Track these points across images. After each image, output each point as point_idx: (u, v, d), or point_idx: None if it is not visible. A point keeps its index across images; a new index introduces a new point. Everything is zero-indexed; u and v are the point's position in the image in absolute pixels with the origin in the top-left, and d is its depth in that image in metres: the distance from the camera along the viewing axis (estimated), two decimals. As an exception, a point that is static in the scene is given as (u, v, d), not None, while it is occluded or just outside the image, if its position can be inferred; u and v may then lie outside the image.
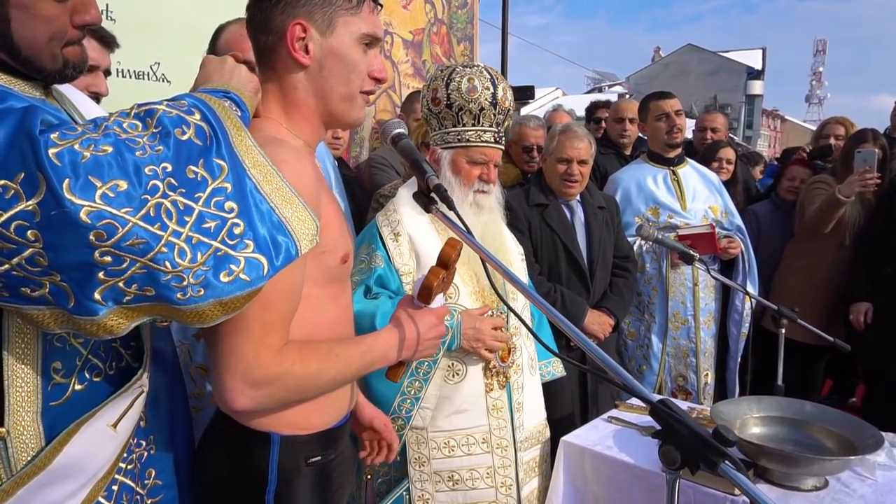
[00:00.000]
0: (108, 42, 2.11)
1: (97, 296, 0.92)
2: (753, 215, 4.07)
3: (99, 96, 2.04)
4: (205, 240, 0.96)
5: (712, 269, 2.90)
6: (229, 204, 1.00)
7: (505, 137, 2.12)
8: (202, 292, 0.97)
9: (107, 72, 2.12)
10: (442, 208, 1.34)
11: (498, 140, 2.02)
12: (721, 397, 3.33)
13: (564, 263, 2.85)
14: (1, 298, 0.92)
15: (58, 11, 1.03)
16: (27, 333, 1.00)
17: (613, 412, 2.41)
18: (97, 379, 1.11)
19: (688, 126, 3.75)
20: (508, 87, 2.05)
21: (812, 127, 37.89)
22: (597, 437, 2.18)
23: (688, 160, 3.52)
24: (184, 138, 0.98)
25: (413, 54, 4.79)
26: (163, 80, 3.01)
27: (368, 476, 1.83)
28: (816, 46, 75.47)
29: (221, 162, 1.01)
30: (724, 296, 3.39)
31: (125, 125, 0.95)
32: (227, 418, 1.24)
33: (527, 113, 6.40)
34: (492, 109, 1.97)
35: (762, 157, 6.74)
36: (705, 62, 39.28)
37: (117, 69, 2.70)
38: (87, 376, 1.09)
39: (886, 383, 3.35)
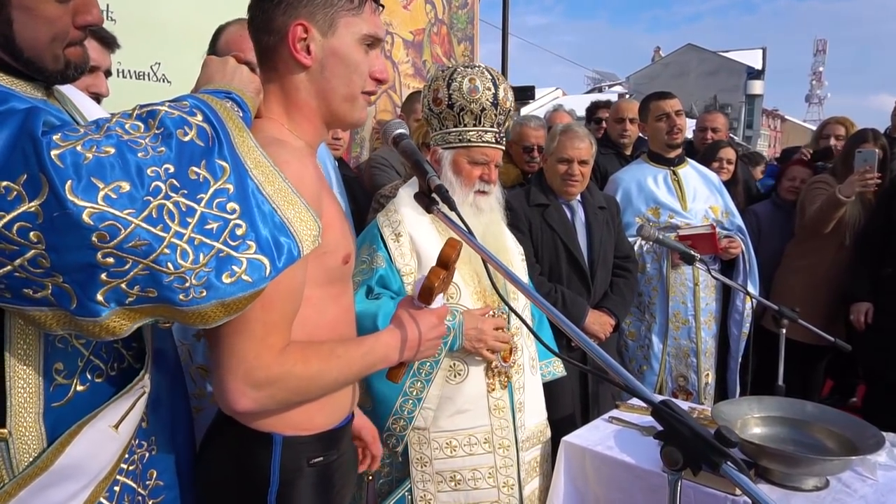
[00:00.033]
0: (109, 43, 2.11)
1: (99, 297, 0.91)
2: (754, 215, 4.07)
3: (99, 97, 2.03)
4: (207, 241, 0.96)
5: (713, 270, 2.90)
6: (231, 205, 0.99)
7: (505, 138, 2.12)
8: (204, 293, 0.97)
9: (107, 72, 2.12)
10: (443, 209, 1.34)
11: (499, 140, 2.03)
12: (722, 397, 3.32)
13: (565, 263, 2.85)
14: (3, 300, 0.92)
15: (60, 12, 1.03)
16: (29, 334, 1.00)
17: (614, 412, 2.41)
18: (99, 380, 1.11)
19: (688, 126, 3.75)
20: (509, 88, 2.05)
21: (812, 127, 37.83)
22: (598, 438, 2.18)
23: (688, 160, 3.52)
24: (186, 139, 0.98)
25: (413, 54, 4.79)
26: (163, 81, 3.01)
27: (370, 477, 1.83)
28: (816, 46, 75.46)
29: (223, 163, 1.01)
30: (725, 296, 3.39)
31: (127, 126, 0.95)
32: (230, 419, 1.24)
33: (527, 113, 6.40)
34: (493, 110, 1.97)
35: (763, 158, 6.74)
36: (705, 62, 39.23)
37: (118, 69, 2.70)
38: (89, 377, 1.09)
39: (887, 383, 3.35)
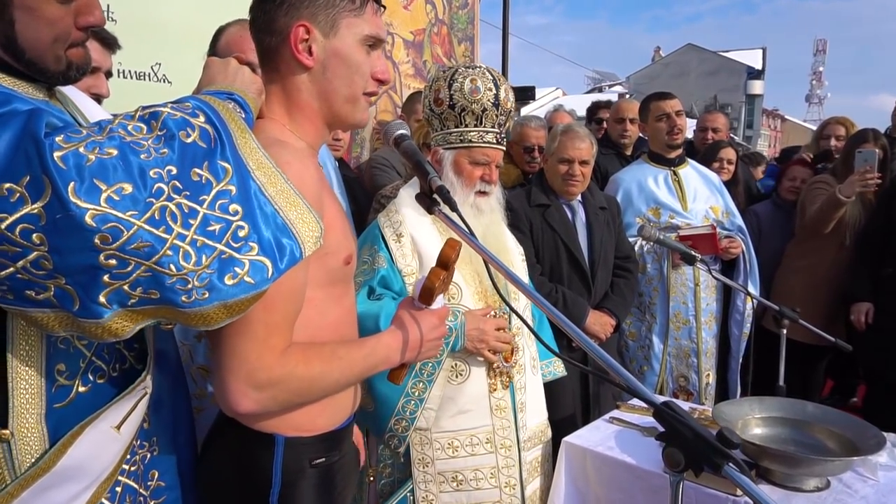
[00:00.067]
0: (110, 43, 2.11)
1: (102, 299, 0.91)
2: (754, 215, 4.07)
3: (100, 97, 2.03)
4: (209, 242, 0.96)
5: (713, 270, 2.90)
6: (234, 206, 0.99)
7: (506, 138, 2.12)
8: (207, 295, 0.97)
9: (108, 73, 2.12)
10: (445, 210, 1.35)
11: (500, 141, 2.03)
12: (722, 397, 3.32)
13: (566, 264, 2.85)
14: (5, 301, 0.92)
15: (62, 13, 1.03)
16: (31, 335, 1.00)
17: (615, 413, 2.41)
18: (101, 381, 1.11)
19: (688, 126, 3.75)
20: (510, 89, 2.05)
21: (812, 127, 37.82)
22: (598, 438, 2.18)
23: (688, 160, 3.52)
24: (188, 141, 0.98)
25: (414, 55, 4.79)
26: (164, 81, 3.01)
27: (371, 478, 1.83)
28: (816, 46, 75.43)
29: (226, 164, 1.01)
30: (726, 296, 3.39)
31: (130, 128, 0.95)
32: (232, 420, 1.24)
33: (527, 113, 6.40)
34: (494, 110, 1.97)
35: (764, 158, 6.74)
36: (705, 62, 39.19)
37: (118, 70, 2.70)
38: (91, 378, 1.09)
39: (887, 383, 3.35)
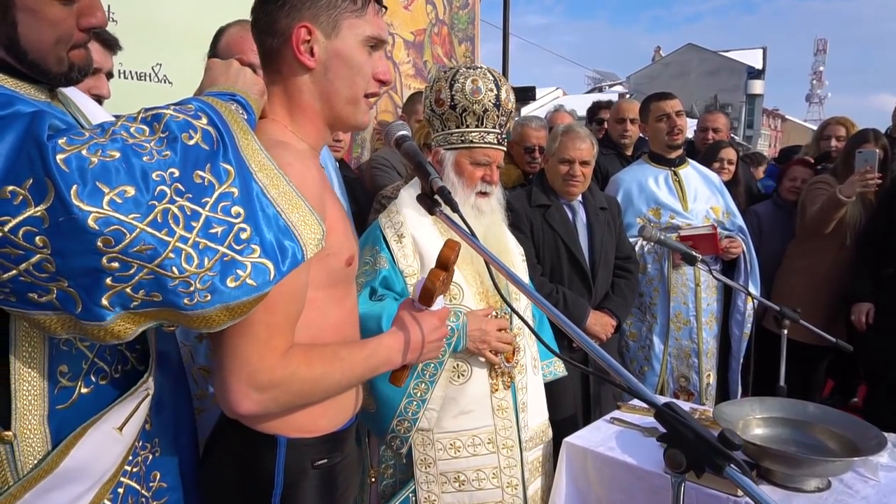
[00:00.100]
0: (111, 44, 2.12)
1: (105, 301, 0.92)
2: (755, 216, 4.07)
3: (101, 98, 2.04)
4: (212, 245, 0.96)
5: (714, 270, 2.90)
6: (236, 209, 1.00)
7: (507, 138, 2.12)
8: (209, 297, 0.97)
9: (109, 74, 2.12)
10: (446, 210, 1.35)
11: (501, 141, 2.03)
12: (723, 398, 3.32)
13: (566, 264, 2.85)
14: (8, 303, 0.92)
15: (64, 14, 1.04)
16: (34, 337, 1.01)
17: (616, 413, 2.41)
18: (103, 382, 1.11)
19: (689, 126, 3.75)
20: (511, 89, 2.05)
21: (813, 126, 37.77)
22: (599, 439, 2.18)
23: (689, 161, 3.52)
24: (191, 143, 0.98)
25: (414, 55, 4.79)
26: (164, 82, 3.01)
27: (373, 479, 1.83)
28: (817, 46, 75.43)
29: (228, 166, 1.01)
30: (726, 296, 3.39)
31: (132, 130, 0.95)
32: (234, 421, 1.24)
33: (527, 113, 6.40)
34: (495, 111, 1.97)
35: (765, 158, 6.74)
36: (706, 62, 39.17)
37: (119, 70, 2.70)
38: (94, 380, 1.09)
39: (888, 384, 3.35)
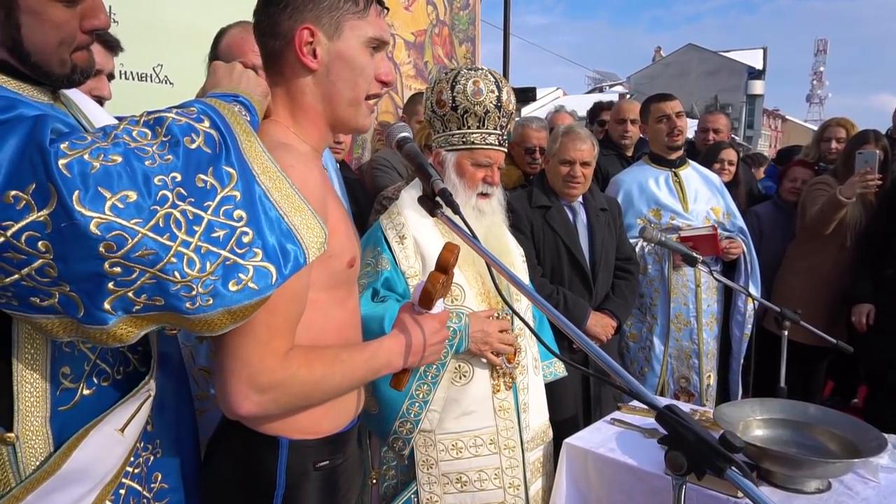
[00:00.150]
0: (112, 46, 2.12)
1: (107, 305, 0.92)
2: (755, 216, 4.07)
3: (102, 100, 2.04)
4: (214, 249, 0.96)
5: (714, 271, 2.90)
6: (238, 213, 1.00)
7: (507, 139, 2.13)
8: (211, 301, 0.97)
9: (110, 75, 2.12)
10: (447, 212, 1.35)
11: (502, 143, 2.03)
12: (723, 399, 3.32)
13: (567, 265, 2.85)
14: (10, 307, 0.92)
15: (67, 16, 1.04)
16: (36, 339, 1.01)
17: (616, 414, 2.41)
18: (105, 384, 1.11)
19: (689, 126, 3.75)
20: (511, 91, 2.05)
21: (813, 127, 37.71)
22: (599, 440, 2.18)
23: (689, 162, 3.52)
24: (193, 147, 0.98)
25: (415, 55, 4.80)
26: (165, 82, 3.01)
27: (373, 481, 1.83)
28: (817, 46, 75.37)
29: (231, 170, 1.01)
30: (727, 297, 3.39)
31: (135, 133, 0.95)
32: (236, 422, 1.24)
33: (527, 113, 6.39)
34: (496, 112, 1.97)
35: (766, 158, 6.74)
36: (706, 62, 39.14)
37: (120, 71, 2.70)
38: (96, 381, 1.10)
39: (888, 385, 3.35)
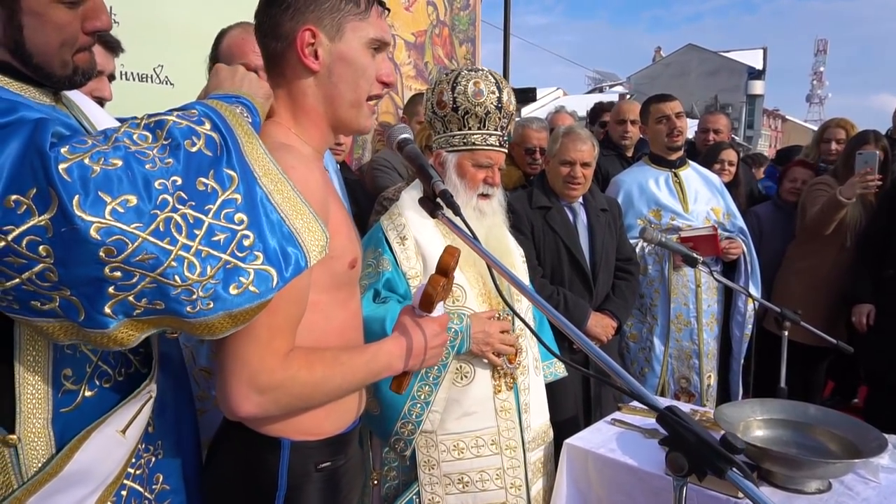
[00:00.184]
0: (113, 47, 2.12)
1: (107, 310, 0.92)
2: (755, 217, 4.07)
3: (103, 101, 2.04)
4: (214, 253, 0.96)
5: (715, 272, 2.90)
6: (239, 216, 0.99)
7: (508, 140, 2.13)
8: (211, 305, 0.97)
9: (111, 76, 2.12)
10: (448, 213, 1.35)
11: (502, 143, 2.03)
12: (724, 399, 3.32)
13: (567, 266, 2.85)
14: (11, 311, 0.93)
15: (69, 18, 1.04)
16: (38, 342, 1.01)
17: (616, 415, 2.41)
18: (107, 385, 1.11)
19: (689, 126, 3.75)
20: (512, 91, 2.06)
21: (813, 127, 37.72)
22: (600, 440, 2.18)
23: (689, 162, 3.52)
24: (194, 150, 0.97)
25: (415, 56, 4.80)
26: (166, 83, 3.01)
27: (375, 482, 1.83)
28: (817, 46, 75.32)
29: (232, 172, 1.00)
30: (727, 297, 3.39)
31: (135, 136, 0.95)
32: (237, 423, 1.23)
33: (527, 113, 6.39)
34: (497, 113, 1.97)
35: (766, 159, 6.74)
36: (706, 62, 39.12)
37: (121, 72, 2.70)
38: (97, 383, 1.10)
39: (889, 385, 3.35)
